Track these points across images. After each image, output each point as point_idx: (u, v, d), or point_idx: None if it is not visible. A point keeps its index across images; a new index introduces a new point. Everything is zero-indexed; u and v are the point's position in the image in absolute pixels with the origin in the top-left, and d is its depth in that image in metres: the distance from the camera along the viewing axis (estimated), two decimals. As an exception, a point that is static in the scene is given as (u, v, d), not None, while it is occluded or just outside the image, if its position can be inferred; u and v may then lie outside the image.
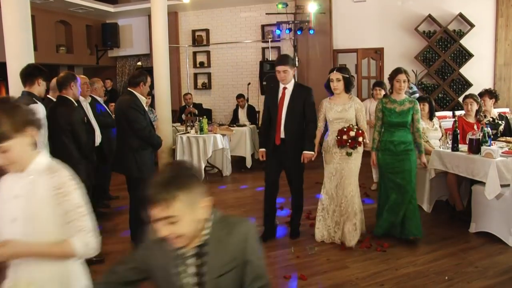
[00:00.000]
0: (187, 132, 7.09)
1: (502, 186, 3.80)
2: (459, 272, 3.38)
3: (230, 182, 6.97)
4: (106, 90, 8.53)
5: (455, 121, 4.78)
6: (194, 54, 10.18)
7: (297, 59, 8.54)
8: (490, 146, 4.08)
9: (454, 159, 4.30)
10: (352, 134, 3.74)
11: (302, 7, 8.42)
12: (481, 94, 5.15)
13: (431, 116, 5.02)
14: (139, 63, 10.84)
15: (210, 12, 9.87)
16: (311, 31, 8.42)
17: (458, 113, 6.52)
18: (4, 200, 1.62)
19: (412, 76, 4.09)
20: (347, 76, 3.90)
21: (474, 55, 8.10)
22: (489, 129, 4.23)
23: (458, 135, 4.41)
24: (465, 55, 8.22)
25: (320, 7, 8.31)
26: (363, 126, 3.91)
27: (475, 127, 4.56)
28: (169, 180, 1.36)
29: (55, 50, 9.53)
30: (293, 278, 3.35)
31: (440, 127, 5.07)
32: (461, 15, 8.03)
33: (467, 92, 7.17)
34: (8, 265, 1.67)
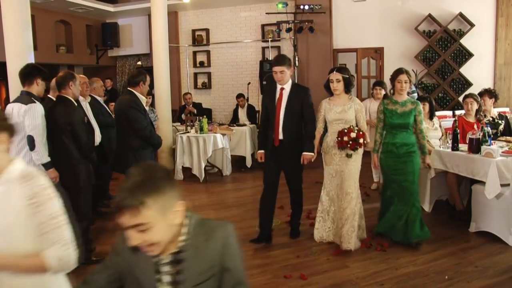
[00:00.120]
0: (187, 131, 7.09)
1: (502, 185, 3.80)
2: (459, 271, 3.38)
3: (230, 181, 6.97)
4: (106, 90, 8.53)
5: (455, 120, 4.79)
6: (194, 53, 10.18)
7: (297, 59, 8.55)
8: (490, 145, 4.08)
9: (454, 159, 4.30)
10: (353, 135, 3.68)
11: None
12: (481, 94, 5.15)
13: (431, 115, 5.02)
14: (139, 63, 10.84)
15: (210, 11, 9.87)
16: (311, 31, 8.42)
17: (458, 112, 6.52)
18: None
19: (412, 75, 4.06)
20: (347, 76, 3.83)
21: (474, 55, 8.10)
22: (489, 128, 4.23)
23: (458, 135, 4.40)
24: (465, 55, 8.22)
25: (320, 7, 8.31)
26: (363, 127, 3.86)
27: (475, 127, 4.55)
28: (137, 184, 1.24)
29: (55, 49, 9.54)
30: (293, 278, 3.35)
31: (440, 127, 5.07)
32: (461, 15, 8.02)
33: (467, 91, 7.17)
34: None
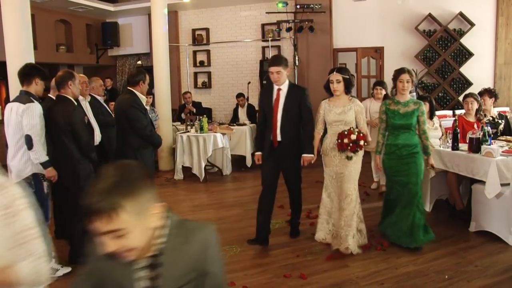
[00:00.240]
0: (187, 131, 7.09)
1: (502, 185, 3.80)
2: (459, 271, 3.38)
3: (230, 181, 6.97)
4: (106, 89, 8.53)
5: (455, 120, 4.78)
6: (194, 53, 10.17)
7: (297, 58, 8.55)
8: (490, 145, 4.08)
9: (454, 158, 4.29)
10: (353, 137, 3.60)
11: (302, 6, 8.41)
12: (480, 93, 5.15)
13: (431, 115, 5.01)
14: (139, 62, 10.84)
15: (210, 11, 9.86)
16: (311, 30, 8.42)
17: (458, 112, 6.52)
18: None
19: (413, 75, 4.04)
20: (347, 77, 3.76)
21: (474, 54, 8.09)
22: (489, 128, 4.23)
23: (458, 134, 4.40)
24: (465, 54, 8.21)
25: (320, 6, 8.30)
26: (364, 129, 3.79)
27: (475, 126, 4.55)
28: (111, 186, 1.13)
29: (55, 49, 9.54)
30: (293, 277, 3.35)
31: (440, 126, 5.07)
32: (461, 14, 8.02)
33: (467, 91, 7.17)
34: None
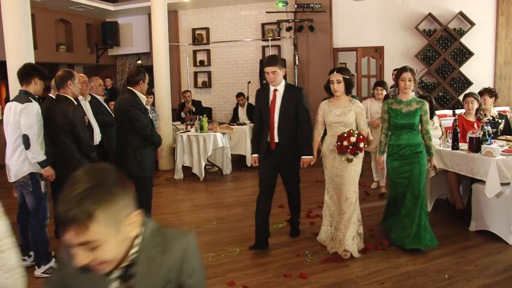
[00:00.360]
0: (187, 130, 7.09)
1: (502, 184, 3.80)
2: (459, 270, 3.38)
3: (230, 180, 6.98)
4: (106, 89, 8.54)
5: (455, 119, 4.79)
6: (194, 52, 10.17)
7: (297, 58, 8.54)
8: (490, 144, 4.08)
9: (454, 158, 4.29)
10: (352, 140, 3.54)
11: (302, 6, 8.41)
12: (481, 93, 5.14)
13: (432, 114, 4.99)
14: (139, 62, 10.84)
15: (210, 10, 9.86)
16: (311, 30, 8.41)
17: (458, 111, 6.52)
18: None
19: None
20: (348, 77, 3.70)
21: (474, 54, 8.09)
22: (489, 127, 4.23)
23: (458, 134, 4.40)
24: (465, 54, 8.21)
25: (320, 6, 8.30)
26: (364, 131, 3.72)
27: (475, 126, 4.55)
28: (84, 193, 1.01)
29: (55, 48, 9.54)
30: (293, 277, 3.35)
31: (440, 126, 5.07)
32: (461, 14, 8.02)
33: (467, 90, 7.18)
34: None
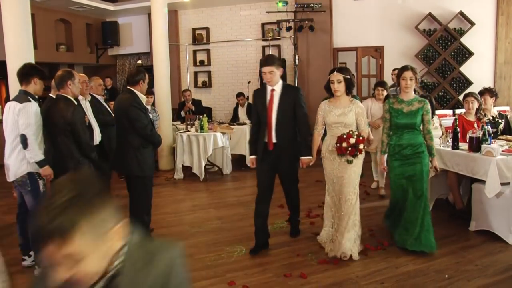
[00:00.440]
0: (187, 130, 7.09)
1: (502, 184, 3.80)
2: (459, 270, 3.38)
3: (230, 180, 6.98)
4: (106, 89, 8.53)
5: (455, 119, 4.78)
6: (194, 52, 10.17)
7: (297, 58, 8.54)
8: (490, 144, 4.08)
9: (454, 158, 4.29)
10: (352, 141, 3.50)
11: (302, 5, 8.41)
12: (481, 93, 5.14)
13: (432, 114, 5.00)
14: (139, 62, 10.84)
15: (210, 10, 9.86)
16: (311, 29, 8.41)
17: (458, 111, 6.52)
18: None
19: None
20: (348, 77, 3.65)
21: (474, 54, 8.09)
22: (489, 127, 4.23)
23: (458, 134, 4.40)
24: (465, 54, 8.21)
25: (320, 5, 8.30)
26: (364, 132, 3.68)
27: (476, 126, 4.55)
28: (65, 204, 0.94)
29: (55, 48, 9.54)
30: (293, 277, 3.35)
31: (440, 126, 5.07)
32: (461, 13, 8.01)
33: (467, 90, 7.18)
34: None
